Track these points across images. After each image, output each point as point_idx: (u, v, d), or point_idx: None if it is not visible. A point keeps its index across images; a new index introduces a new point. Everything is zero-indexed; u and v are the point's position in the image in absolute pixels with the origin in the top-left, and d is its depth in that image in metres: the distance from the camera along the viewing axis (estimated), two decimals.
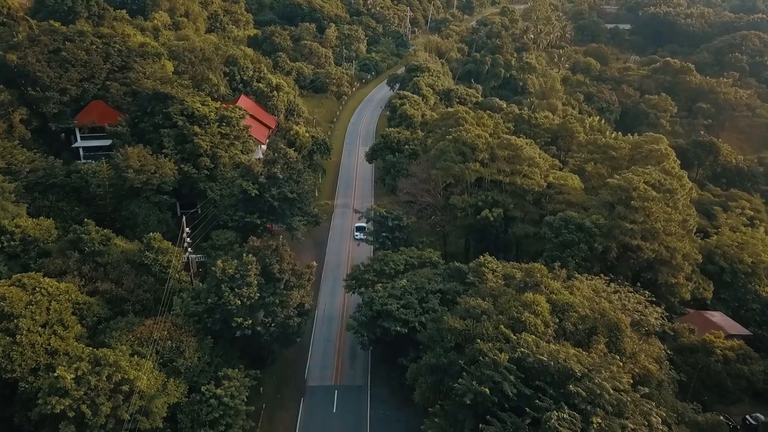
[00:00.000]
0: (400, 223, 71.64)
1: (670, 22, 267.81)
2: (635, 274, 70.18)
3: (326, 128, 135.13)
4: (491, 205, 71.97)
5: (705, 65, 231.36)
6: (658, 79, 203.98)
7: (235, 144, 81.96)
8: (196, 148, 75.48)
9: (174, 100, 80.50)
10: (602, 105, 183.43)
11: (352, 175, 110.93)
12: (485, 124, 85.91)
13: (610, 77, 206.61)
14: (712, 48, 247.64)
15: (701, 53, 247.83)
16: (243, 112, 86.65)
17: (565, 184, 74.21)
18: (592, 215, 67.55)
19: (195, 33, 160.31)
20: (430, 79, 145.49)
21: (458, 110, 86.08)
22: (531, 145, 79.04)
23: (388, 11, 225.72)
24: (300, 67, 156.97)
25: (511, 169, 73.16)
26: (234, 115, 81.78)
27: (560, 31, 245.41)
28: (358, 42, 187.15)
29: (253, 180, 71.30)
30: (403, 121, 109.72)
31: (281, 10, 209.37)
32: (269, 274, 56.06)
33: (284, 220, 73.39)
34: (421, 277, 59.24)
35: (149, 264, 58.53)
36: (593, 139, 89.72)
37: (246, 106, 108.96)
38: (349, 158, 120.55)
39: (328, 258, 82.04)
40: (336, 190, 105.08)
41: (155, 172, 71.10)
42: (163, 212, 72.77)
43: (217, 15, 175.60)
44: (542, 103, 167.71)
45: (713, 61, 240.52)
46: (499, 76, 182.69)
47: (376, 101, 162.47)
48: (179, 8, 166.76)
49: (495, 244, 73.29)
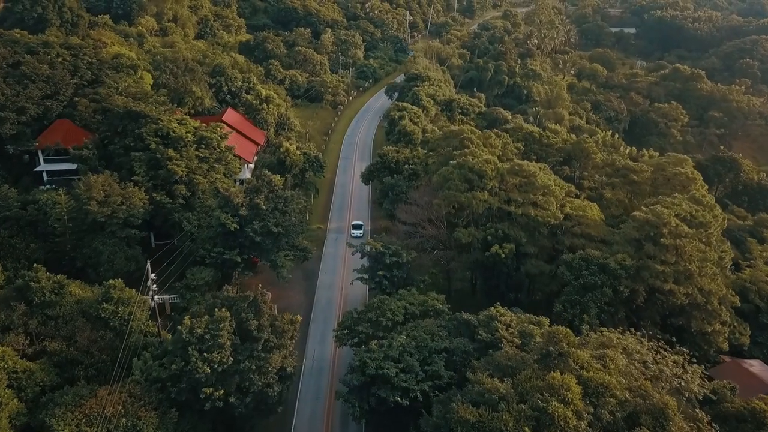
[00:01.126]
0: (399, 259, 63.52)
1: (677, 26, 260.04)
2: (663, 318, 62.27)
3: (320, 142, 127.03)
4: (501, 240, 63.91)
5: (714, 71, 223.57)
6: (668, 87, 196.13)
7: (216, 167, 73.80)
8: (171, 174, 67.29)
9: (148, 119, 72.36)
10: (610, 114, 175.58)
11: (347, 195, 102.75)
12: (493, 144, 77.91)
13: (617, 84, 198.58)
14: (721, 53, 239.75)
15: (710, 58, 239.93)
16: (226, 131, 78.44)
17: (584, 215, 66.12)
18: (616, 254, 59.48)
19: (183, 39, 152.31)
20: (431, 89, 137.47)
21: (463, 130, 78.03)
22: (544, 170, 70.98)
23: (386, 15, 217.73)
24: (294, 75, 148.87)
25: (523, 199, 65.10)
26: (214, 136, 73.62)
27: (564, 36, 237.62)
28: (355, 48, 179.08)
29: (233, 212, 63.13)
30: (402, 138, 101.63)
31: (275, 14, 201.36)
32: (245, 332, 47.91)
33: (268, 257, 65.21)
34: (423, 331, 51.15)
35: (107, 318, 50.33)
36: (611, 161, 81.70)
37: (232, 121, 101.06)
38: (344, 175, 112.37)
39: (319, 294, 73.91)
40: (329, 213, 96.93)
41: (122, 204, 62.94)
42: (132, 248, 64.58)
43: (207, 20, 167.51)
44: (548, 113, 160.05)
45: (723, 66, 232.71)
46: (502, 84, 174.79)
47: (374, 111, 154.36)
48: (167, 13, 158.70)
49: (506, 283, 65.18)
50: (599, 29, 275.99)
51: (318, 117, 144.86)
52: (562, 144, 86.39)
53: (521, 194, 65.24)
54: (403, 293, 58.85)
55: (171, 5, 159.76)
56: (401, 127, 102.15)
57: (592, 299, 58.08)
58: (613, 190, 75.41)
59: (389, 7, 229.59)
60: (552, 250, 66.66)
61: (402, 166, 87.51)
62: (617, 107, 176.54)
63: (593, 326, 57.21)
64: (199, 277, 63.08)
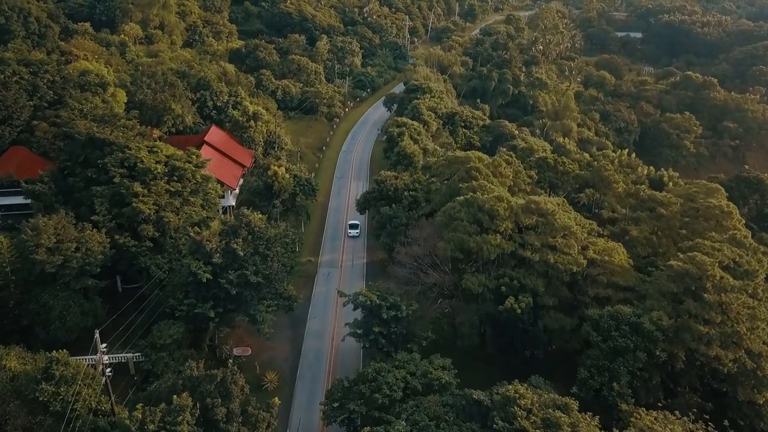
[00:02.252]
0: (398, 313, 55.00)
1: (686, 30, 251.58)
2: (704, 383, 53.79)
3: (313, 160, 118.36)
4: (516, 291, 55.38)
5: (725, 78, 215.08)
6: (679, 95, 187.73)
7: (191, 200, 65.21)
8: (136, 213, 58.69)
9: (114, 147, 63.91)
10: (620, 125, 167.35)
11: (341, 222, 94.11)
12: (503, 173, 69.35)
13: (626, 93, 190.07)
14: (732, 59, 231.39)
15: (720, 65, 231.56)
16: (204, 158, 69.88)
17: (610, 260, 57.54)
18: (651, 311, 50.94)
19: (170, 47, 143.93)
20: (432, 102, 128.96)
21: (469, 156, 69.41)
22: (563, 206, 62.39)
23: (385, 20, 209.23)
24: (286, 85, 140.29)
25: (540, 242, 56.54)
26: (188, 166, 64.95)
27: (570, 42, 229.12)
28: (352, 55, 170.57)
29: (205, 259, 54.55)
30: (402, 160, 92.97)
31: (269, 19, 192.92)
32: (211, 423, 39.43)
33: (247, 310, 56.58)
34: (426, 414, 42.66)
35: (47, 401, 41.77)
36: (634, 190, 73.11)
37: (216, 140, 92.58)
38: (338, 197, 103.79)
39: (307, 345, 65.28)
40: (321, 243, 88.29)
41: (77, 250, 54.36)
42: (91, 300, 56.07)
43: (195, 27, 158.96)
44: (555, 125, 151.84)
45: (734, 73, 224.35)
46: (507, 94, 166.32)
47: (372, 123, 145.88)
48: (153, 19, 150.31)
49: (521, 339, 56.62)
50: (605, 34, 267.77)
51: (312, 130, 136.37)
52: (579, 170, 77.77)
53: (538, 237, 56.71)
54: (402, 358, 50.33)
55: (158, 11, 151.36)
56: (400, 149, 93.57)
57: (624, 364, 49.58)
58: (638, 226, 66.78)
59: (388, 12, 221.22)
60: (573, 299, 58.10)
61: (401, 193, 78.93)
62: (627, 118, 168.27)
63: (624, 396, 48.92)
64: (166, 334, 54.50)
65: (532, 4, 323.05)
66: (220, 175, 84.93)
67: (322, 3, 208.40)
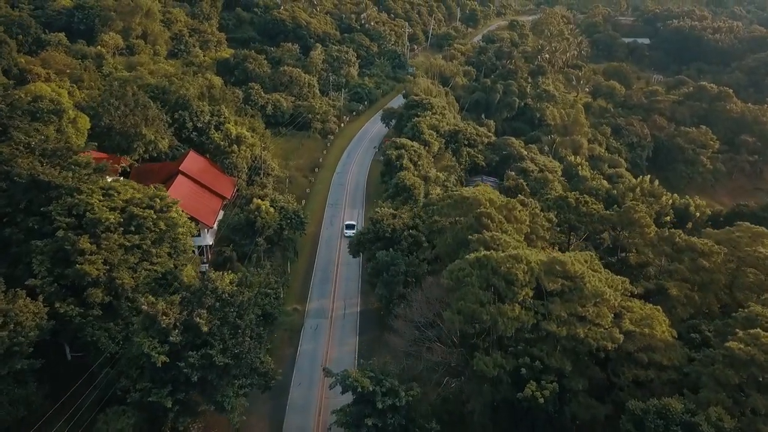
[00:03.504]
0: (396, 401, 45.27)
1: (696, 37, 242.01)
2: None
3: (304, 184, 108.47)
4: (538, 372, 45.70)
5: (739, 87, 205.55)
6: (693, 107, 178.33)
7: (154, 252, 55.46)
8: (81, 275, 48.94)
9: (61, 191, 54.19)
10: (632, 140, 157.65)
11: (332, 260, 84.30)
12: (518, 218, 59.57)
13: (637, 104, 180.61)
14: (746, 67, 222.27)
15: (733, 73, 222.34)
16: (172, 198, 60.09)
17: (651, 333, 47.80)
18: (708, 408, 41.21)
19: (152, 59, 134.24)
20: (434, 119, 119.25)
21: (478, 198, 59.61)
22: (591, 262, 52.64)
23: (383, 27, 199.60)
24: (277, 99, 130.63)
25: (567, 313, 46.83)
26: (149, 214, 55.11)
27: (576, 49, 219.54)
28: (348, 66, 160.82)
29: (162, 337, 44.79)
30: (401, 193, 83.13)
31: (262, 26, 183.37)
32: None
33: (213, 397, 46.79)
34: None
35: None
36: (669, 235, 63.34)
37: (193, 169, 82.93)
38: (330, 228, 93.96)
39: (289, 422, 55.39)
40: (310, 286, 78.41)
41: (4, 325, 44.59)
42: (23, 385, 46.18)
43: (181, 36, 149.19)
44: (565, 141, 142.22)
45: (748, 82, 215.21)
46: (512, 107, 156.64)
47: (369, 139, 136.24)
48: (135, 28, 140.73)
49: (544, 431, 46.95)
50: (611, 40, 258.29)
51: (304, 149, 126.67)
52: (604, 210, 68.03)
53: (564, 306, 46.97)
54: None
55: (140, 20, 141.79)
56: (399, 180, 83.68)
57: None
58: (677, 282, 57.06)
59: (387, 18, 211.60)
60: (606, 380, 48.40)
61: (400, 234, 69.17)
62: (640, 132, 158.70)
63: None
64: (114, 428, 44.71)
65: (535, 9, 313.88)
66: (195, 210, 75.30)
67: (318, 9, 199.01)
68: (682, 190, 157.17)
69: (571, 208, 66.29)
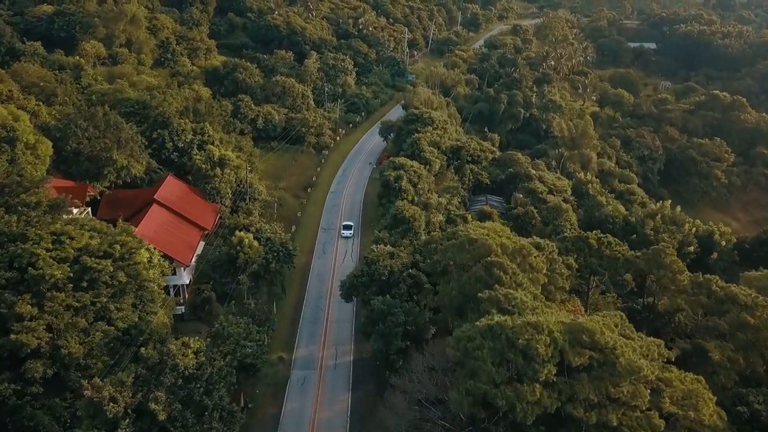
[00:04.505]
0: None
1: (705, 42, 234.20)
2: None
3: (295, 206, 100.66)
4: None
5: (750, 94, 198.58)
6: (705, 117, 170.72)
7: (112, 308, 47.72)
8: (19, 345, 41.19)
9: (3, 238, 46.44)
10: (643, 152, 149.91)
11: (323, 294, 76.49)
12: (533, 266, 51.80)
13: (647, 113, 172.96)
14: (757, 73, 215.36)
15: (744, 79, 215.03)
16: (133, 247, 52.30)
17: (697, 415, 40.04)
18: None
19: (136, 69, 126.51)
20: (435, 134, 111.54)
21: (487, 243, 51.75)
22: (622, 324, 44.88)
23: (382, 33, 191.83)
24: (268, 112, 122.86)
25: (597, 395, 39.09)
26: (105, 266, 47.33)
27: (582, 55, 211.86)
28: (345, 74, 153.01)
29: (109, 428, 37.03)
30: (399, 225, 75.22)
31: (255, 32, 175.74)
32: None
33: None
34: None
35: None
36: (705, 282, 55.56)
37: (171, 197, 75.20)
38: (323, 257, 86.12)
39: None
40: (298, 328, 70.57)
41: None
42: None
43: (168, 43, 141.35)
44: (573, 155, 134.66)
45: (759, 89, 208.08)
46: (517, 118, 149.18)
47: (367, 153, 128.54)
48: (119, 36, 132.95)
49: None
50: (617, 45, 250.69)
51: (297, 165, 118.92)
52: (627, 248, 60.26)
53: (594, 385, 39.22)
54: None
55: (125, 27, 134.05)
56: (398, 211, 75.75)
57: None
58: (717, 343, 49.32)
59: (385, 23, 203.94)
60: None
61: (398, 276, 61.39)
62: (651, 144, 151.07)
63: None
64: None
65: (538, 12, 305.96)
66: (170, 245, 67.65)
67: (314, 14, 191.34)
68: (695, 205, 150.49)
69: (593, 250, 58.48)
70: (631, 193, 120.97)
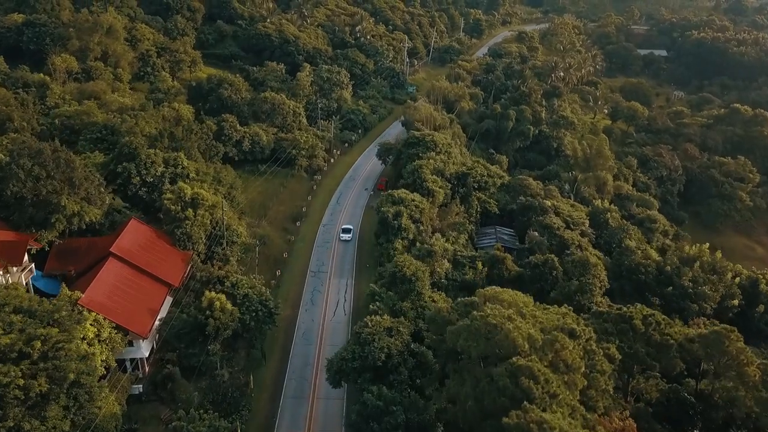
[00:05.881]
0: None
1: (720, 50, 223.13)
2: None
3: (282, 245, 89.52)
4: None
5: None
6: (725, 132, 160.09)
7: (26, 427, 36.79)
8: None
9: None
10: (662, 173, 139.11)
11: (310, 363, 65.37)
12: (567, 362, 40.87)
13: (662, 128, 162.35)
14: None
15: (761, 89, 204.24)
16: (61, 338, 41.38)
17: None
18: None
19: (111, 85, 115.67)
20: (438, 160, 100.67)
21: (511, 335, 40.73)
22: None
23: (380, 41, 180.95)
24: (256, 132, 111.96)
25: None
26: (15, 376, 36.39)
27: (591, 64, 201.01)
28: (340, 88, 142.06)
29: None
30: (399, 284, 63.86)
31: (246, 41, 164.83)
32: None
33: None
34: None
35: None
36: None
37: (132, 247, 64.34)
38: (311, 309, 75.10)
39: None
40: (278, 409, 59.54)
41: None
42: None
43: (148, 56, 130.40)
44: (588, 178, 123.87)
45: None
46: (526, 135, 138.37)
47: (363, 178, 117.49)
48: (94, 48, 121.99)
49: None
50: (626, 52, 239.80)
51: (287, 192, 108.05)
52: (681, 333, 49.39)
53: None
54: None
55: (100, 39, 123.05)
56: (397, 269, 64.40)
57: None
58: None
59: (384, 31, 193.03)
60: None
61: (398, 360, 50.41)
62: (670, 164, 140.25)
63: None
64: None
65: (542, 17, 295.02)
66: (125, 313, 56.84)
67: (308, 21, 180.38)
68: (717, 229, 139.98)
69: (638, 333, 47.53)
70: (652, 221, 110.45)
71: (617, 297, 70.72)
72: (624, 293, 70.79)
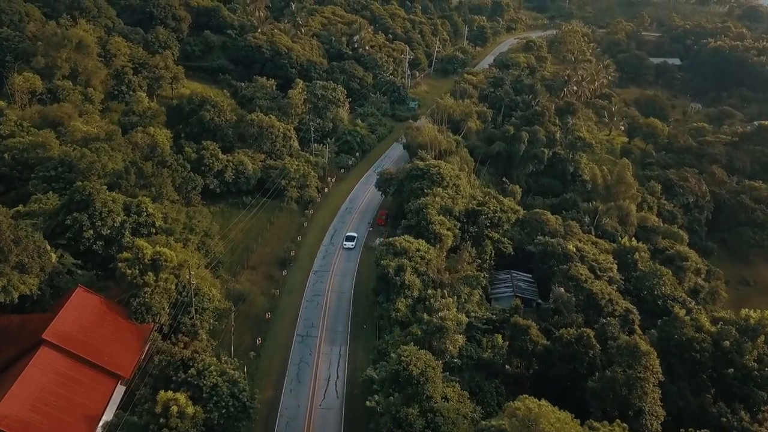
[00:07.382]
0: None
1: (740, 59, 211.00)
2: None
3: (264, 304, 76.81)
4: None
5: None
6: (753, 152, 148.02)
7: None
8: None
9: None
10: (688, 199, 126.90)
11: None
12: None
13: (684, 147, 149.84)
14: None
15: None
16: None
17: None
18: None
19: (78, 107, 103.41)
20: (445, 195, 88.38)
21: None
22: None
23: (380, 52, 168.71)
24: (240, 161, 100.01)
25: None
26: None
27: (605, 76, 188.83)
28: (336, 106, 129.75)
29: None
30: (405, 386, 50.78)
31: (235, 53, 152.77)
32: None
33: None
34: None
35: None
36: None
37: (74, 327, 52.95)
38: (296, 389, 62.67)
39: None
40: None
41: None
42: None
43: (124, 73, 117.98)
44: (610, 208, 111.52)
45: None
46: (541, 159, 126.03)
47: (361, 212, 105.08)
48: (62, 65, 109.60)
49: None
50: (638, 61, 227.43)
51: (274, 230, 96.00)
52: None
53: None
54: None
55: (69, 54, 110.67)
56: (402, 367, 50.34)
57: None
58: None
59: (384, 41, 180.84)
60: None
61: None
62: (697, 190, 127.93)
63: None
64: None
65: (548, 24, 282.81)
66: (54, 427, 44.38)
67: (303, 31, 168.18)
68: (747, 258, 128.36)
69: None
70: (683, 258, 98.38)
71: (665, 377, 58.45)
72: (673, 374, 58.58)
